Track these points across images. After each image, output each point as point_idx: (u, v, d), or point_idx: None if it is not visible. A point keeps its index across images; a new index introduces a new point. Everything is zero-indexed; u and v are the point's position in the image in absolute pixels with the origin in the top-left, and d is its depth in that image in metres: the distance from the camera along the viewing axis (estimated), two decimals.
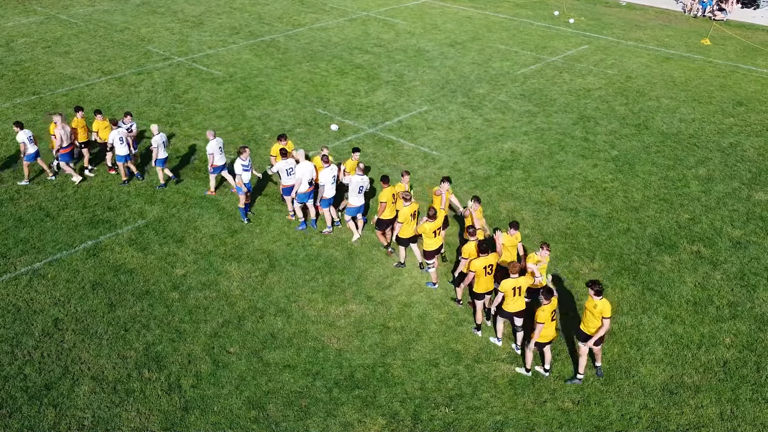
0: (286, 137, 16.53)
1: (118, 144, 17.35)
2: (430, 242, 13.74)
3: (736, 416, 11.39)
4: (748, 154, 19.96)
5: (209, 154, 16.76)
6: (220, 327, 13.19)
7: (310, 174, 15.43)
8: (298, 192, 15.52)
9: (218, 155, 16.88)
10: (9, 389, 11.69)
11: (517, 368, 12.25)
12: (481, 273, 12.44)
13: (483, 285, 12.60)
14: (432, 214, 13.57)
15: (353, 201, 15.20)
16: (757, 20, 33.85)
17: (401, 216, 14.05)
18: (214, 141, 16.79)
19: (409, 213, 14.01)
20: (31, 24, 31.43)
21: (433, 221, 13.59)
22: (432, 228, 13.60)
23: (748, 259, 15.27)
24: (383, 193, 14.55)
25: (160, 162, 17.55)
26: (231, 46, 28.80)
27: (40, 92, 23.73)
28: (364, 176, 15.20)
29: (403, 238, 14.32)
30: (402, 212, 14.07)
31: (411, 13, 34.55)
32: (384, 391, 11.83)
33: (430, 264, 14.04)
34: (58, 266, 14.81)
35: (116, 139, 17.33)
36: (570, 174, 18.79)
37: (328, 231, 15.90)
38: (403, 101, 23.42)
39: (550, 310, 11.37)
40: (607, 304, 11.32)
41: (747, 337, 13.07)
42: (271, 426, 11.14)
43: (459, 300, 13.80)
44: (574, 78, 25.66)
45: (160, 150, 17.39)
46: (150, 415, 11.29)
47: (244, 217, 16.35)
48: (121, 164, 17.76)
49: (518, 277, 11.92)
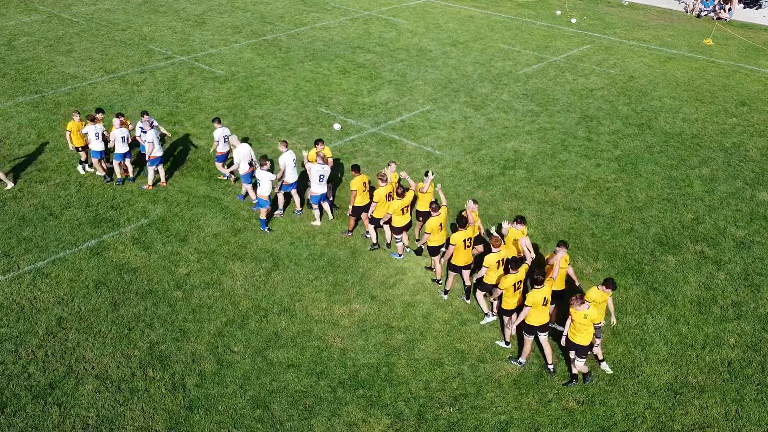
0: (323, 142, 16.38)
1: (93, 139, 17.29)
2: (399, 219, 14.66)
3: (741, 416, 11.38)
4: (752, 154, 19.95)
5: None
6: (223, 326, 13.19)
7: (249, 156, 16.57)
8: (241, 174, 16.65)
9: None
10: (13, 388, 11.69)
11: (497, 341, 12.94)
12: (461, 246, 13.19)
13: (462, 258, 13.36)
14: (400, 192, 14.37)
15: (315, 189, 15.91)
16: (759, 20, 33.83)
17: (376, 196, 14.79)
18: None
19: (384, 194, 14.74)
20: (33, 23, 31.42)
21: (401, 199, 14.44)
22: (400, 205, 14.47)
23: (751, 259, 15.26)
24: (354, 182, 15.19)
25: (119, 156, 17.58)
26: (233, 45, 28.79)
27: (43, 91, 23.72)
28: (325, 165, 15.82)
29: (375, 218, 15.09)
30: (377, 192, 14.78)
31: (413, 12, 34.53)
32: (388, 390, 11.82)
33: (398, 239, 14.97)
34: (62, 265, 14.81)
35: (92, 134, 17.29)
36: (573, 174, 18.78)
37: (279, 213, 16.70)
38: (405, 100, 23.41)
39: (514, 280, 12.06)
40: None
41: (751, 337, 13.07)
42: (275, 425, 11.13)
43: (438, 280, 14.44)
44: (576, 78, 25.65)
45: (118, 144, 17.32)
46: (154, 414, 11.29)
47: (264, 227, 16.02)
48: (96, 160, 17.67)
49: (500, 251, 12.72)
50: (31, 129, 20.87)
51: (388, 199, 14.84)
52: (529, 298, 11.65)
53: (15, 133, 20.55)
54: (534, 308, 11.66)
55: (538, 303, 11.64)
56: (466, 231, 13.24)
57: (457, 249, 13.23)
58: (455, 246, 13.14)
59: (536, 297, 11.61)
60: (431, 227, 13.69)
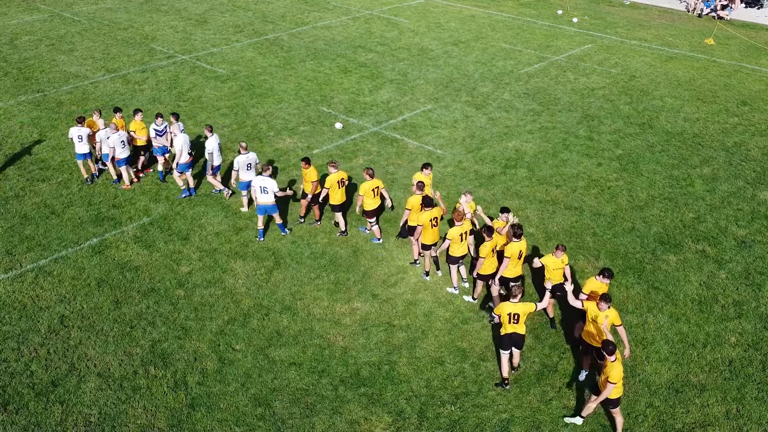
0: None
1: (77, 142, 17.20)
2: (370, 202, 15.13)
3: (742, 415, 11.39)
4: (753, 154, 19.95)
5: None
6: (225, 324, 13.22)
7: (188, 146, 17.00)
8: (179, 162, 16.94)
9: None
10: (16, 386, 11.72)
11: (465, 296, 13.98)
12: (428, 225, 13.78)
13: (430, 237, 14.00)
14: (370, 174, 14.97)
15: (243, 176, 16.38)
16: (761, 20, 33.82)
17: (361, 189, 15.15)
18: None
19: (370, 188, 15.08)
20: (35, 22, 31.46)
21: (370, 180, 15.00)
22: (370, 187, 14.99)
23: (752, 258, 15.27)
24: (308, 173, 15.64)
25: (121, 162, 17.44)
26: (234, 45, 28.82)
27: (44, 90, 23.76)
28: (249, 153, 16.33)
29: (367, 210, 15.35)
30: (362, 186, 15.16)
31: (414, 11, 34.55)
32: (390, 388, 11.84)
33: (371, 222, 15.47)
34: (64, 263, 14.84)
35: (75, 136, 17.19)
36: (574, 173, 18.79)
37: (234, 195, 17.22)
38: (407, 100, 23.42)
39: (491, 247, 12.97)
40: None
41: (752, 336, 13.08)
42: (277, 423, 11.15)
43: (417, 261, 14.97)
44: (578, 77, 25.66)
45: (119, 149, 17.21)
46: (156, 411, 11.32)
47: (261, 237, 15.75)
48: (80, 162, 17.57)
49: (462, 224, 13.43)
50: (33, 128, 20.90)
51: (340, 185, 15.34)
52: (507, 250, 12.78)
53: (17, 132, 20.59)
54: (511, 261, 12.82)
55: (515, 256, 12.78)
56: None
57: (453, 242, 13.51)
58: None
59: (513, 249, 12.77)
60: (411, 204, 14.35)
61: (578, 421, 11.16)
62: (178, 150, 16.83)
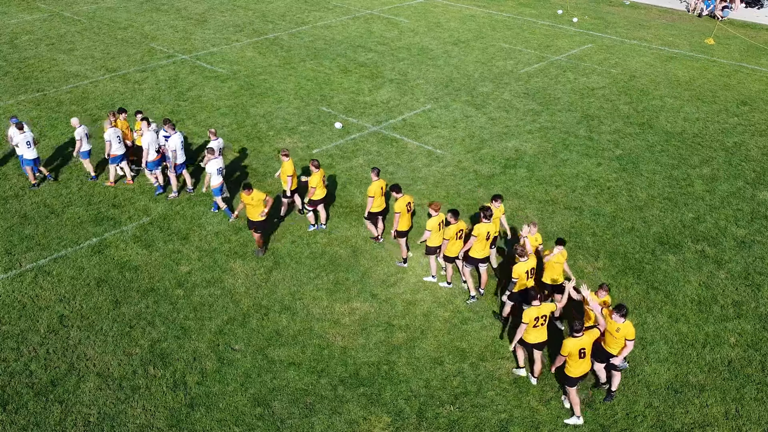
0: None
1: (116, 144, 17.14)
2: (319, 192, 15.58)
3: (741, 415, 11.39)
4: (753, 154, 19.95)
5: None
6: (224, 324, 13.22)
7: (156, 144, 17.08)
8: (147, 161, 17.07)
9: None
10: (15, 385, 11.72)
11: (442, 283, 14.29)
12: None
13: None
14: (316, 165, 15.39)
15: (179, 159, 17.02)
16: (761, 19, 33.80)
17: (370, 191, 15.06)
18: (175, 135, 16.78)
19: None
20: (35, 21, 31.45)
21: (317, 171, 15.37)
22: (319, 177, 15.41)
23: (752, 259, 15.27)
24: (285, 165, 15.74)
25: (85, 154, 17.60)
26: (234, 44, 28.81)
27: (44, 89, 23.75)
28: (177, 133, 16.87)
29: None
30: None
31: (414, 11, 34.53)
32: (389, 388, 11.84)
33: (309, 210, 15.92)
34: (63, 263, 14.84)
35: (22, 142, 17.05)
36: (574, 173, 18.78)
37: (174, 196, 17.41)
38: (406, 99, 23.42)
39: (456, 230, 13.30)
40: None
41: (752, 336, 13.08)
42: (276, 423, 11.16)
43: (377, 237, 15.61)
44: (577, 77, 25.65)
45: (84, 142, 17.38)
46: (155, 411, 11.32)
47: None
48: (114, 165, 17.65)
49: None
50: (33, 127, 20.88)
51: (324, 182, 15.60)
52: (475, 230, 13.24)
53: None
54: (478, 241, 13.25)
55: (482, 236, 13.22)
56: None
57: (478, 241, 13.35)
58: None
59: (481, 230, 13.23)
60: (399, 207, 14.39)
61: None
62: (145, 148, 16.90)
